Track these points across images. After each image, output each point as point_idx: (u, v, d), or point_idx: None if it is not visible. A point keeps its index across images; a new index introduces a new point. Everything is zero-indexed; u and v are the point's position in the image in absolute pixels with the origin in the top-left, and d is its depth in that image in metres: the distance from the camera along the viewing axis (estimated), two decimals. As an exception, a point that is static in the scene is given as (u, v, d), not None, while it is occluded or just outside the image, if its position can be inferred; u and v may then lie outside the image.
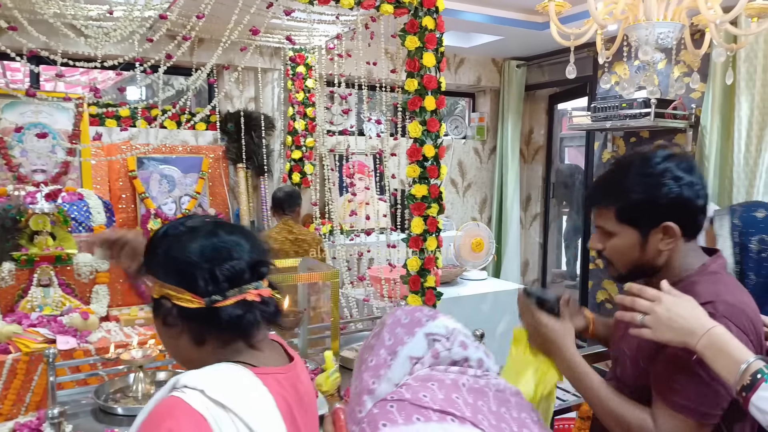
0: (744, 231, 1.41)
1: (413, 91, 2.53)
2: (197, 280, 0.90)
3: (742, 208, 1.47)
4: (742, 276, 1.41)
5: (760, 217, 1.42)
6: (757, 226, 1.41)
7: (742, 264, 1.41)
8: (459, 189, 5.01)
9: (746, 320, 1.09)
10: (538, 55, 4.75)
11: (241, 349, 0.94)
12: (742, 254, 1.41)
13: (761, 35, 3.12)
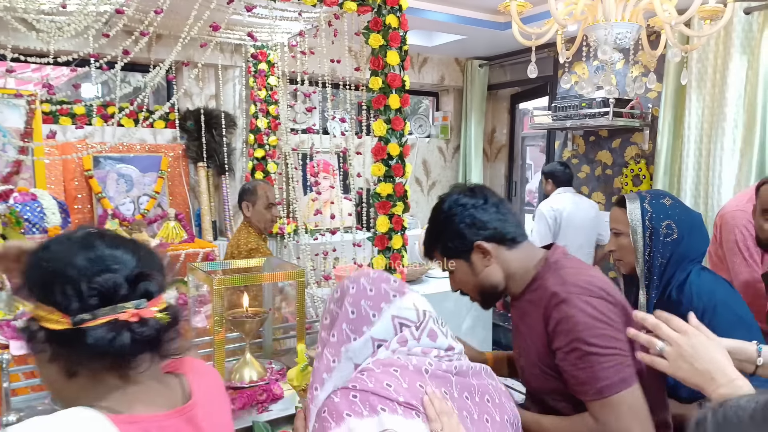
0: (654, 216, 1.50)
1: (377, 90, 2.53)
2: (62, 294, 0.75)
3: (650, 195, 1.56)
4: (651, 257, 1.51)
5: (667, 204, 1.52)
6: (665, 212, 1.50)
7: (652, 246, 1.50)
8: (424, 187, 5.03)
9: (598, 289, 1.16)
10: (501, 55, 4.80)
11: (113, 386, 0.78)
12: (651, 237, 1.50)
13: (713, 37, 3.22)
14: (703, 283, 1.47)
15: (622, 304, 1.18)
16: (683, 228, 1.51)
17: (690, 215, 1.54)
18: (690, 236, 1.51)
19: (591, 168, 4.21)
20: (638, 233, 1.52)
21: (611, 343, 1.10)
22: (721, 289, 1.48)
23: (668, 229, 1.50)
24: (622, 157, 3.99)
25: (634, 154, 3.91)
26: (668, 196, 1.57)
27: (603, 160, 4.12)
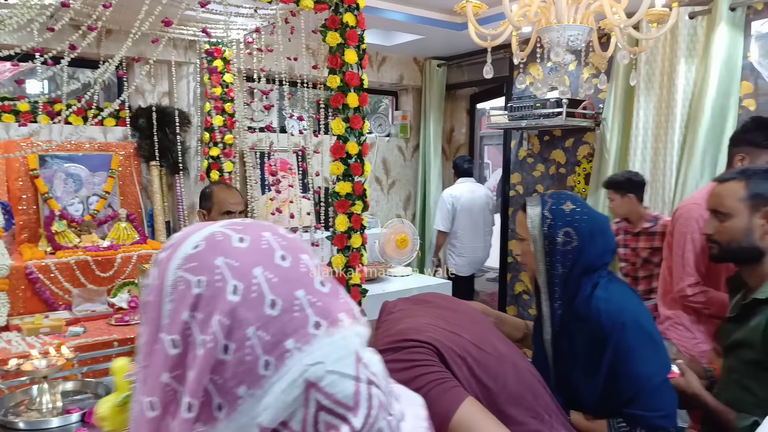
0: (553, 223, 1.43)
1: (336, 88, 2.52)
2: None
3: (552, 199, 1.47)
4: (552, 267, 1.43)
5: (567, 210, 1.44)
6: (564, 218, 1.42)
7: (551, 255, 1.43)
8: (384, 186, 5.04)
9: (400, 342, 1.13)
10: (459, 55, 4.85)
11: None
12: (550, 246, 1.43)
13: (660, 40, 3.33)
14: (611, 299, 1.37)
15: (429, 342, 1.13)
16: (583, 235, 1.41)
17: (592, 220, 1.43)
18: (591, 243, 1.41)
19: (546, 167, 4.29)
20: (537, 242, 1.45)
21: (427, 379, 1.08)
22: (629, 305, 1.39)
23: (567, 236, 1.41)
24: (575, 156, 4.09)
25: (586, 153, 4.01)
26: (570, 200, 1.47)
27: (557, 159, 4.21)
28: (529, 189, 4.42)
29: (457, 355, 1.14)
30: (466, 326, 1.24)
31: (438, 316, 1.24)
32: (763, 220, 1.46)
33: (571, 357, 1.42)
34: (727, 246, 1.51)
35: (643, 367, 1.32)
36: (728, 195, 1.49)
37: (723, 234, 1.51)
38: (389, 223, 4.00)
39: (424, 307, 1.29)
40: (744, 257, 1.50)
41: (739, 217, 1.48)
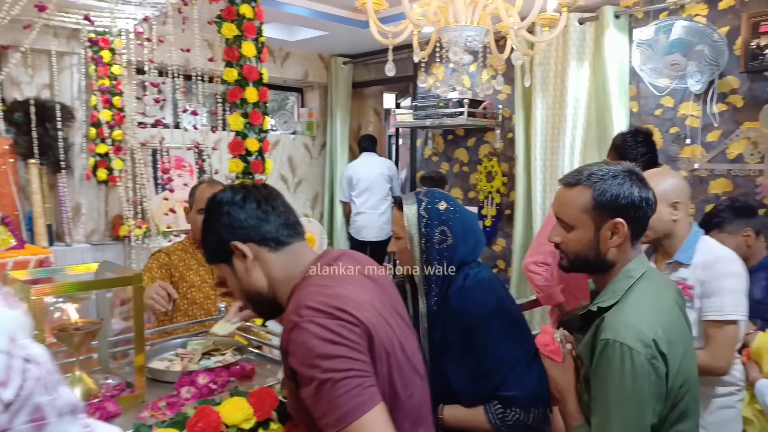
0: (429, 222, 1.45)
1: (233, 82, 2.43)
2: None
3: (427, 198, 1.49)
4: (428, 264, 1.46)
5: (441, 209, 1.47)
6: (440, 218, 1.46)
7: (428, 253, 1.45)
8: (290, 185, 4.95)
9: (334, 309, 1.01)
10: (365, 53, 4.85)
11: None
12: (427, 244, 1.45)
13: (553, 44, 3.50)
14: (479, 289, 1.43)
15: (366, 324, 1.03)
16: (457, 232, 1.46)
17: (463, 218, 1.49)
18: (464, 240, 1.47)
19: (450, 165, 4.39)
20: (414, 241, 1.46)
21: (347, 365, 0.97)
22: (493, 294, 1.44)
23: (443, 235, 1.45)
24: (477, 155, 4.21)
25: (487, 152, 4.14)
26: (444, 199, 1.50)
27: (460, 157, 4.32)
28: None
29: (384, 349, 1.07)
30: (394, 316, 1.17)
31: (376, 294, 1.15)
32: (610, 232, 1.26)
33: (444, 346, 1.45)
34: (574, 258, 1.33)
35: (509, 350, 1.39)
36: (572, 204, 1.29)
37: (568, 245, 1.33)
38: (295, 222, 3.93)
39: (366, 278, 1.19)
40: (592, 270, 1.34)
41: (583, 229, 1.28)
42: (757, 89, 2.88)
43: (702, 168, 3.07)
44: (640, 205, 1.25)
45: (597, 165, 1.30)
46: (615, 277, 1.28)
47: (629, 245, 1.28)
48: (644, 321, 1.18)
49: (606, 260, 1.29)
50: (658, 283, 1.31)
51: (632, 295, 1.24)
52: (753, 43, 2.82)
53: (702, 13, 3.00)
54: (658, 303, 1.25)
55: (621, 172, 1.26)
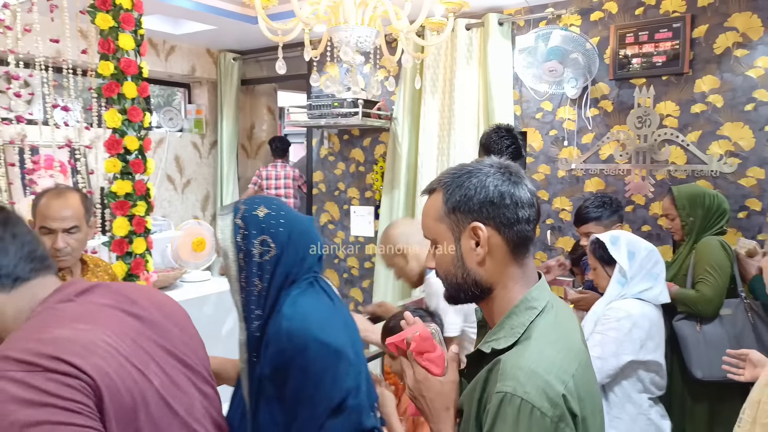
0: (246, 233, 1.22)
1: (109, 76, 2.27)
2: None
3: (245, 206, 1.27)
4: (248, 283, 1.22)
5: (261, 215, 1.25)
6: (258, 226, 1.23)
7: (247, 269, 1.22)
8: (177, 186, 4.72)
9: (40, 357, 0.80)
10: (256, 50, 4.74)
11: None
12: (246, 259, 1.22)
13: (442, 48, 3.61)
14: (296, 316, 1.18)
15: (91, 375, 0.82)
16: (280, 241, 1.23)
17: (290, 223, 1.25)
18: (288, 249, 1.23)
19: (346, 165, 4.40)
20: (230, 256, 1.23)
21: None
22: (316, 322, 1.19)
23: (263, 246, 1.22)
24: (373, 155, 4.25)
25: (382, 152, 4.20)
26: (264, 204, 1.27)
27: (356, 157, 4.34)
28: (331, 187, 4.48)
29: (128, 408, 0.84)
30: (164, 362, 0.95)
31: (133, 334, 0.92)
32: (472, 242, 0.99)
33: (261, 385, 1.21)
34: (445, 282, 1.05)
35: (328, 393, 1.14)
36: (428, 213, 1.04)
37: (438, 266, 1.05)
38: (184, 225, 3.76)
39: (125, 315, 0.96)
40: (470, 296, 1.02)
41: (444, 243, 1.02)
42: (624, 95, 3.14)
43: (578, 168, 3.30)
44: (501, 203, 0.97)
45: (461, 164, 1.06)
46: (513, 308, 0.98)
47: (509, 260, 0.99)
48: (552, 369, 0.89)
49: (478, 281, 0.99)
50: (564, 317, 1.02)
51: (535, 334, 0.94)
52: (620, 53, 3.08)
53: (576, 23, 3.23)
54: (567, 344, 0.96)
55: (480, 168, 1.01)
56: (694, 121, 2.94)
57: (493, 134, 2.62)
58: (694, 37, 2.91)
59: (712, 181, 2.89)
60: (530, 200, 0.99)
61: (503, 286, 1.00)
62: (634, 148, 3.10)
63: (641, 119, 3.06)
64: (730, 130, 2.85)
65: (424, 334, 1.03)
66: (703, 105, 2.91)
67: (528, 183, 1.01)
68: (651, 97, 3.03)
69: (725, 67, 2.84)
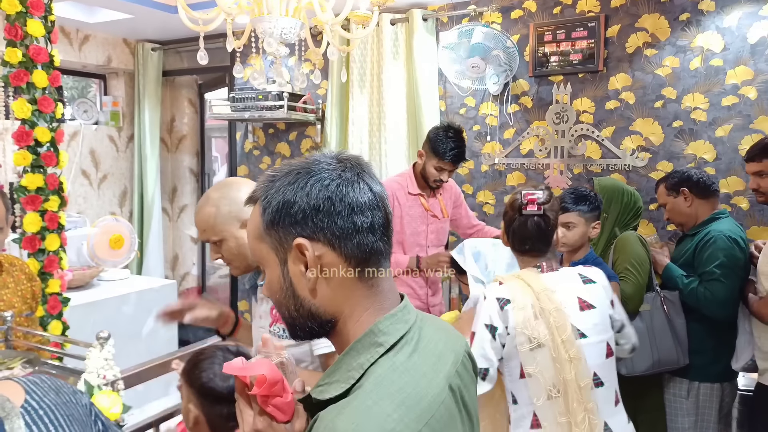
0: None
1: (17, 64, 2.14)
2: None
3: None
4: None
5: None
6: None
7: None
8: (93, 181, 4.50)
9: None
10: (176, 40, 4.58)
11: None
12: None
13: (368, 42, 3.63)
14: None
15: None
16: None
17: None
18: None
19: (272, 159, 4.34)
20: None
21: None
22: None
23: None
24: (299, 149, 4.22)
25: (309, 146, 4.17)
26: None
27: (282, 152, 4.29)
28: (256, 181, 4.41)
29: None
30: None
31: None
32: (300, 261, 0.76)
33: None
34: (282, 317, 0.83)
35: None
36: (249, 231, 0.82)
37: (270, 296, 0.83)
38: (100, 222, 3.59)
39: None
40: (307, 333, 0.81)
41: (270, 267, 0.80)
42: (543, 92, 3.28)
43: (500, 162, 3.42)
44: (330, 210, 0.74)
45: (286, 162, 0.82)
46: (354, 343, 0.75)
47: (352, 282, 0.77)
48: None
49: (314, 312, 0.78)
50: (425, 353, 0.77)
51: (371, 381, 0.71)
52: (539, 50, 3.21)
53: (497, 21, 3.34)
54: (414, 396, 0.71)
55: (306, 165, 0.78)
56: (609, 117, 3.11)
57: (441, 132, 2.62)
58: (607, 36, 3.07)
59: (625, 175, 3.07)
60: (371, 201, 0.77)
61: (349, 317, 0.77)
62: (552, 143, 3.25)
63: (559, 115, 3.21)
64: (641, 125, 3.03)
65: (272, 378, 0.77)
66: (617, 102, 3.09)
67: (370, 179, 0.78)
68: (568, 94, 3.18)
69: (636, 66, 3.02)
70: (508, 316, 1.58)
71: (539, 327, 1.56)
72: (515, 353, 1.58)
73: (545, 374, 1.55)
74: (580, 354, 1.55)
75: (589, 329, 1.60)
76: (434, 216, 2.81)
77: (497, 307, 1.60)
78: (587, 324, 1.61)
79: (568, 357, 1.54)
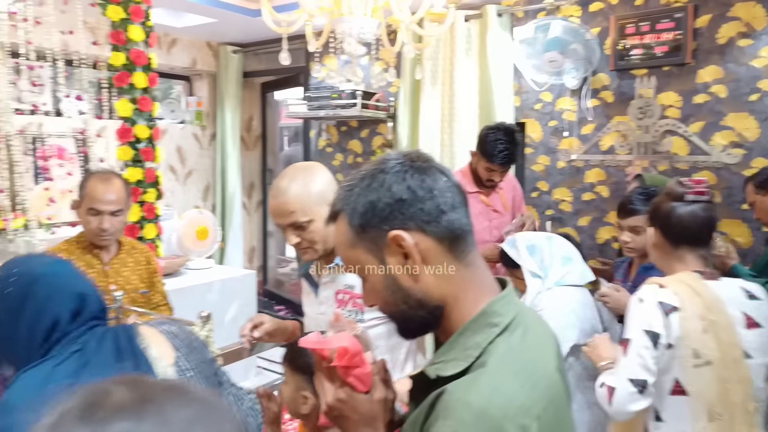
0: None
1: (120, 67, 2.33)
2: None
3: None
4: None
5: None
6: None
7: None
8: (179, 176, 4.77)
9: None
10: (255, 43, 4.78)
11: None
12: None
13: (441, 39, 3.66)
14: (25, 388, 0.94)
15: None
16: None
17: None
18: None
19: (344, 156, 4.45)
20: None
21: None
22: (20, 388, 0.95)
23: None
24: (370, 146, 4.31)
25: (380, 143, 4.25)
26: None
27: (354, 149, 4.39)
28: (329, 177, 4.53)
29: None
30: None
31: None
32: (398, 253, 0.79)
33: None
34: (392, 317, 0.85)
35: None
36: (339, 244, 0.85)
37: (376, 301, 0.85)
38: (187, 214, 3.81)
39: None
40: (419, 325, 0.84)
41: (371, 272, 0.82)
42: (624, 86, 3.19)
43: (578, 159, 3.36)
44: (415, 198, 0.78)
45: (357, 171, 0.85)
46: (468, 323, 0.79)
47: (451, 263, 0.80)
48: (510, 409, 0.70)
49: (423, 301, 0.80)
50: (536, 338, 0.81)
51: (493, 360, 0.74)
52: (620, 44, 3.12)
53: (576, 14, 3.28)
54: (534, 375, 0.76)
55: (376, 168, 0.82)
56: (697, 112, 2.98)
57: (490, 133, 2.58)
58: (696, 27, 2.94)
59: (715, 172, 2.93)
60: (448, 183, 0.81)
61: (455, 299, 0.80)
62: (635, 139, 3.15)
63: (642, 110, 3.11)
64: (734, 120, 2.88)
65: (353, 349, 0.82)
66: (706, 95, 2.94)
67: (437, 165, 0.83)
68: (652, 88, 3.07)
69: (729, 58, 2.88)
70: (673, 325, 1.42)
71: (708, 342, 1.40)
72: (673, 367, 1.43)
73: (707, 393, 1.40)
74: (749, 375, 1.42)
75: (754, 349, 1.45)
76: (496, 211, 2.79)
77: (661, 313, 1.43)
78: (753, 343, 1.45)
79: (738, 378, 1.40)
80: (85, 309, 1.02)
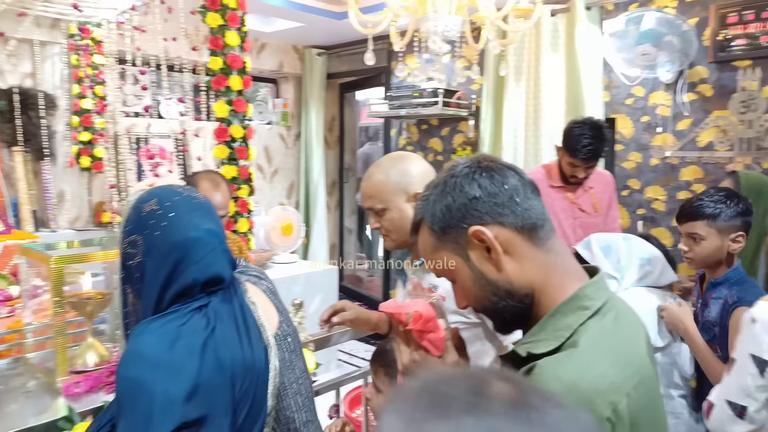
0: (125, 230, 1.05)
1: (218, 70, 2.47)
2: None
3: (138, 198, 1.07)
4: (123, 293, 1.08)
5: (144, 212, 1.03)
6: (137, 222, 1.03)
7: (123, 274, 1.06)
8: (266, 174, 4.98)
9: None
10: (338, 45, 4.90)
11: None
12: (122, 262, 1.06)
13: (526, 35, 3.60)
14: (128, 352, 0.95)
15: None
16: (150, 247, 0.98)
17: (172, 225, 1.00)
18: (158, 261, 0.98)
19: (424, 155, 4.47)
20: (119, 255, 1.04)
21: None
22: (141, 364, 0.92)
23: (132, 247, 1.00)
24: (451, 144, 4.30)
25: (461, 141, 4.24)
26: (158, 197, 1.02)
27: (434, 147, 4.41)
28: (410, 176, 4.57)
29: None
30: None
31: None
32: (481, 251, 0.83)
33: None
34: (485, 311, 0.88)
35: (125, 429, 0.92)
36: (426, 251, 0.89)
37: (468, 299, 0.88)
38: (273, 211, 3.98)
39: None
40: (512, 316, 0.85)
41: (460, 275, 0.86)
42: (725, 79, 3.01)
43: (673, 156, 3.20)
44: (487, 193, 0.82)
45: (430, 182, 0.90)
46: (559, 306, 0.81)
47: (532, 249, 0.83)
48: (600, 385, 0.73)
49: (511, 290, 0.83)
50: (627, 323, 0.84)
51: (584, 340, 0.77)
52: (720, 34, 2.95)
53: (671, 5, 3.13)
54: (624, 356, 0.78)
55: (447, 174, 0.86)
56: (807, 105, 2.77)
57: (576, 128, 2.52)
58: (806, 13, 2.74)
59: (825, 170, 2.72)
60: (514, 175, 0.84)
61: (541, 285, 0.82)
62: (736, 135, 2.97)
63: (746, 104, 2.92)
64: None
65: (427, 315, 0.89)
66: (819, 87, 2.73)
67: (505, 163, 0.86)
68: (757, 80, 2.88)
69: (843, 45, 2.65)
70: None
71: None
72: None
73: None
74: None
75: None
76: (582, 210, 2.71)
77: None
78: None
79: None
80: (218, 284, 1.02)
